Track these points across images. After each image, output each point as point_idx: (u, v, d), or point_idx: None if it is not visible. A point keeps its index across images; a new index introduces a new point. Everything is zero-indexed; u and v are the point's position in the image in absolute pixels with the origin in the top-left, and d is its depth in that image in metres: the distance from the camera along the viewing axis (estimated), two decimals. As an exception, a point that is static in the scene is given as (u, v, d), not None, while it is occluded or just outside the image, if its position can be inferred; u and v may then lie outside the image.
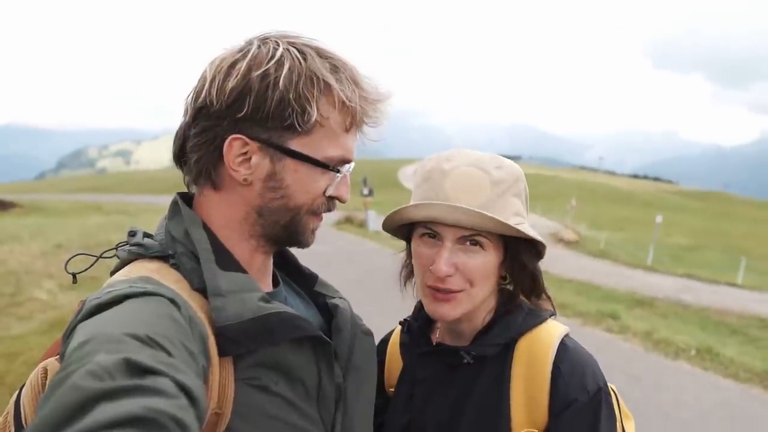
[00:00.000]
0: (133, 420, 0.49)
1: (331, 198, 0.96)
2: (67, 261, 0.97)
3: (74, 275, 0.95)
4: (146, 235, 0.94)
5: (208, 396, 0.78)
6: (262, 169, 0.90)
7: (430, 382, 1.21)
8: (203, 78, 0.90)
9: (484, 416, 1.12)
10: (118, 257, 0.93)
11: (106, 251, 0.95)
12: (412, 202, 1.13)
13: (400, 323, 1.35)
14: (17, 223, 19.37)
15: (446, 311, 1.12)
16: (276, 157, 0.89)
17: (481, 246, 1.10)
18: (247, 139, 0.88)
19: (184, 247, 0.89)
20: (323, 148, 0.91)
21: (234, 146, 0.88)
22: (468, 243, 1.10)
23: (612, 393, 1.15)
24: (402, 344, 1.31)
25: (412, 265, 1.25)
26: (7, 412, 0.84)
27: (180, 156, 0.96)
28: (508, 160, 1.15)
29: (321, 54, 0.90)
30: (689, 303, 12.07)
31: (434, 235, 1.12)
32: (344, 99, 0.89)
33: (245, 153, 0.89)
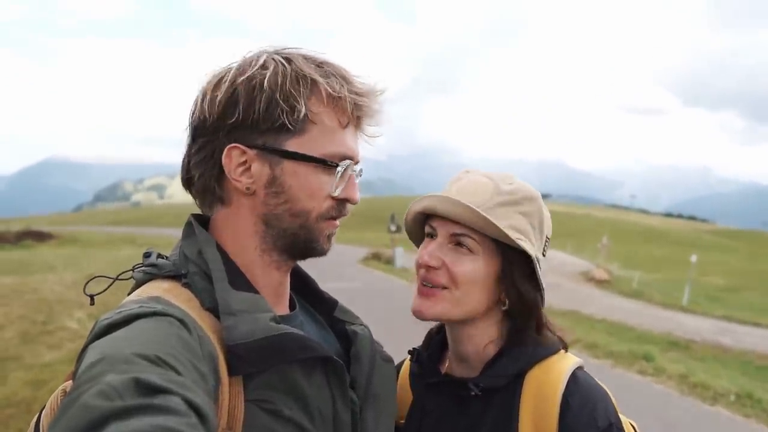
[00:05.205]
0: None
1: (341, 201, 0.95)
2: (86, 283, 0.98)
3: (92, 297, 0.96)
4: (160, 256, 0.96)
5: (218, 415, 0.78)
6: (262, 175, 0.90)
7: (438, 414, 1.17)
8: (196, 96, 0.92)
9: None
10: (135, 278, 0.94)
11: (122, 273, 0.96)
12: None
13: (409, 352, 1.31)
14: (53, 254, 19.93)
15: (425, 307, 1.10)
16: (274, 161, 0.90)
17: (470, 249, 1.09)
18: (244, 147, 0.89)
19: (196, 266, 0.90)
20: (320, 146, 0.90)
21: (232, 156, 0.89)
22: (456, 243, 1.10)
23: (632, 428, 1.09)
24: (411, 374, 1.27)
25: None
26: None
27: (188, 181, 0.97)
28: (528, 184, 1.14)
29: (307, 57, 0.92)
30: (729, 346, 11.56)
31: (433, 235, 1.13)
32: (332, 93, 0.89)
33: (244, 162, 0.90)
